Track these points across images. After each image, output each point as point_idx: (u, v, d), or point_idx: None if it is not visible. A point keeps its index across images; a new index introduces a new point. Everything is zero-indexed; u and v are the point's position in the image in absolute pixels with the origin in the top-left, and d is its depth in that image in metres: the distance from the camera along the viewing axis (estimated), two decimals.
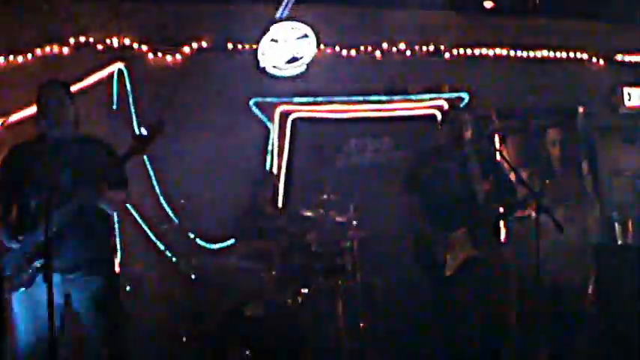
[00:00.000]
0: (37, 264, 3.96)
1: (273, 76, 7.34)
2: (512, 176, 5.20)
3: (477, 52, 8.06)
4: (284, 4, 7.19)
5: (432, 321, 5.49)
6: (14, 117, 6.51)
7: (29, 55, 6.75)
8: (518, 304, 5.83)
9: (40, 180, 4.07)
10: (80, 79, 6.68)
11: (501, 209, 5.30)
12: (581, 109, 8.30)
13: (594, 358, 5.71)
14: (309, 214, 6.31)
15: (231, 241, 6.62)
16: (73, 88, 4.74)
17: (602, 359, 5.68)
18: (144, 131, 4.06)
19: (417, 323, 6.11)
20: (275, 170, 7.32)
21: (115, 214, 4.50)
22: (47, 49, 6.80)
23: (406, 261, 5.55)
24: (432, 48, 7.91)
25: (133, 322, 5.30)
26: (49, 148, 4.21)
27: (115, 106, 6.88)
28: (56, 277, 3.96)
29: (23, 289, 4.00)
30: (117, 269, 4.40)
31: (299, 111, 7.49)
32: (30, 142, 4.38)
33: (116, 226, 6.29)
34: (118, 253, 4.49)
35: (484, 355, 5.09)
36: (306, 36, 7.28)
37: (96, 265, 4.20)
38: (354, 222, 6.35)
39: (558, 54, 8.36)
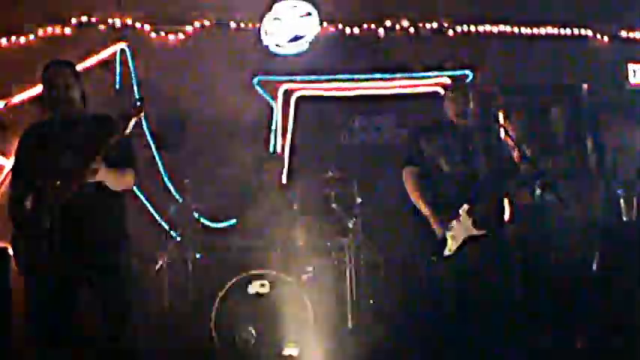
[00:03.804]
0: (47, 250, 3.95)
1: (276, 55, 7.32)
2: (516, 153, 5.16)
3: (480, 28, 8.01)
4: None
5: (434, 299, 5.48)
6: (16, 98, 6.52)
7: (31, 36, 6.75)
8: (522, 282, 5.83)
9: (44, 163, 4.07)
10: (83, 60, 6.68)
11: (504, 187, 5.26)
12: (585, 86, 8.26)
13: (599, 335, 5.71)
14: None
15: (235, 220, 6.63)
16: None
17: (607, 336, 5.68)
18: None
19: (420, 301, 6.13)
20: (279, 149, 7.32)
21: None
22: (49, 29, 6.80)
23: (409, 239, 5.54)
24: (435, 25, 7.86)
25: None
26: (55, 130, 4.18)
27: (118, 86, 6.88)
28: (67, 265, 3.98)
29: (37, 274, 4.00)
30: (127, 258, 4.32)
31: (302, 89, 7.48)
32: (39, 124, 4.32)
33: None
34: (129, 239, 4.34)
35: (487, 334, 5.08)
36: (308, 14, 7.26)
37: (104, 251, 4.10)
38: (358, 200, 6.37)
39: (562, 30, 8.30)
